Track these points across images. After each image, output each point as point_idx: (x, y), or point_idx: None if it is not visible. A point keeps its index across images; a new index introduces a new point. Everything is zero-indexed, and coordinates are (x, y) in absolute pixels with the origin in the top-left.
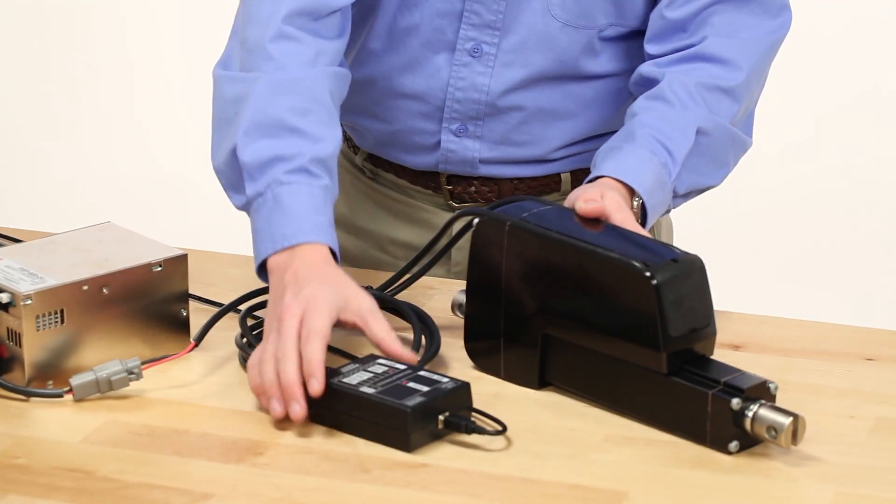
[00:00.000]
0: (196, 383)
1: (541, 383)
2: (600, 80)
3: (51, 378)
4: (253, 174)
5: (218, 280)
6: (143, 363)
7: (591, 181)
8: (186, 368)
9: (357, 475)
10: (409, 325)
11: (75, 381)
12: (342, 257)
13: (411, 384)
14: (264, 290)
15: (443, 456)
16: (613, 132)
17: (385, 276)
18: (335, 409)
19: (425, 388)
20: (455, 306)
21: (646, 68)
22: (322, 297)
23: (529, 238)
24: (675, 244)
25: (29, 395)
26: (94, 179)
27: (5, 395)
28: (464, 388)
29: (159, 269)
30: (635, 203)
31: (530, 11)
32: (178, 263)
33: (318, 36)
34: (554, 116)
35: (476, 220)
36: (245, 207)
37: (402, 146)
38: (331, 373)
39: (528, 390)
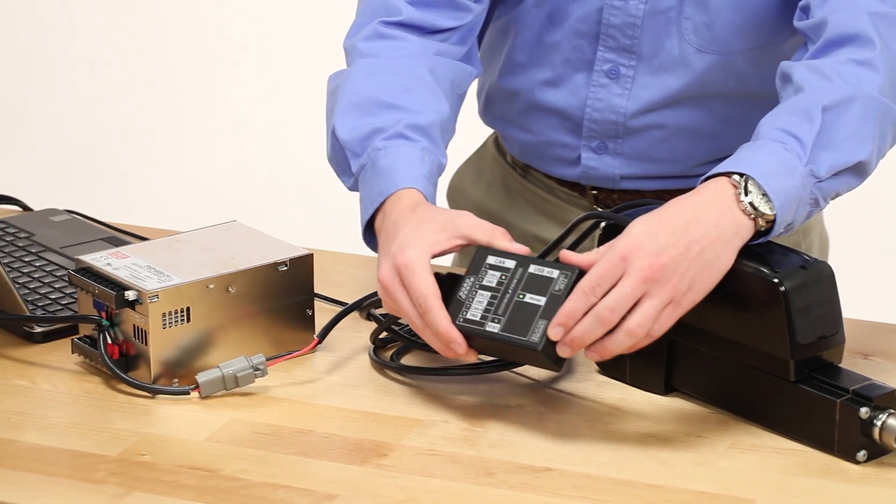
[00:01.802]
0: (320, 383)
1: (666, 389)
2: (747, 99)
3: (176, 376)
4: (355, 150)
5: (343, 280)
6: (267, 359)
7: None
8: (311, 368)
9: (481, 478)
10: None
11: (202, 377)
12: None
13: (529, 298)
14: None
15: (567, 460)
16: None
17: None
18: (474, 346)
19: (544, 299)
20: None
21: (782, 65)
22: (411, 249)
23: None
24: (829, 257)
25: (155, 392)
26: (220, 178)
27: (131, 392)
28: (576, 274)
29: (285, 268)
30: (744, 193)
31: (666, 36)
32: (304, 263)
33: (426, 37)
34: (696, 135)
35: (602, 224)
36: (354, 186)
37: (546, 158)
38: (455, 305)
39: (654, 396)
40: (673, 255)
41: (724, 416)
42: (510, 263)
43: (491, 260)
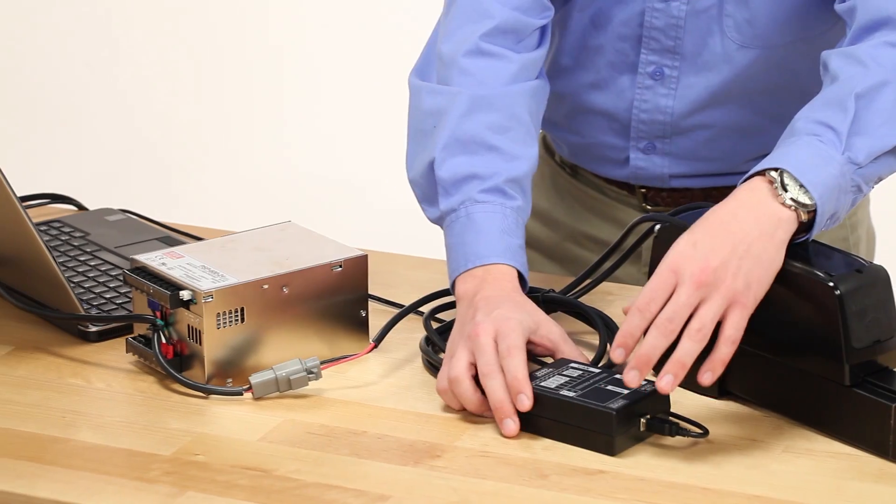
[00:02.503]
0: (374, 384)
1: (720, 392)
2: (791, 93)
3: (230, 376)
4: (448, 189)
5: (398, 282)
6: (321, 363)
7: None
8: (365, 369)
9: (534, 480)
10: (593, 331)
11: (255, 379)
12: (537, 247)
13: (610, 387)
14: (446, 293)
15: (620, 463)
16: None
17: (565, 280)
18: (535, 414)
19: (625, 391)
20: None
21: (822, 55)
22: (514, 317)
23: None
24: (875, 252)
25: (208, 392)
26: (272, 179)
27: (185, 392)
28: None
29: (339, 269)
30: (781, 188)
31: (709, 35)
32: (359, 264)
33: (519, 52)
34: (743, 132)
35: (657, 226)
36: (438, 221)
37: (595, 159)
38: None
39: (708, 399)
40: (721, 256)
41: (779, 420)
42: (595, 369)
43: (574, 364)
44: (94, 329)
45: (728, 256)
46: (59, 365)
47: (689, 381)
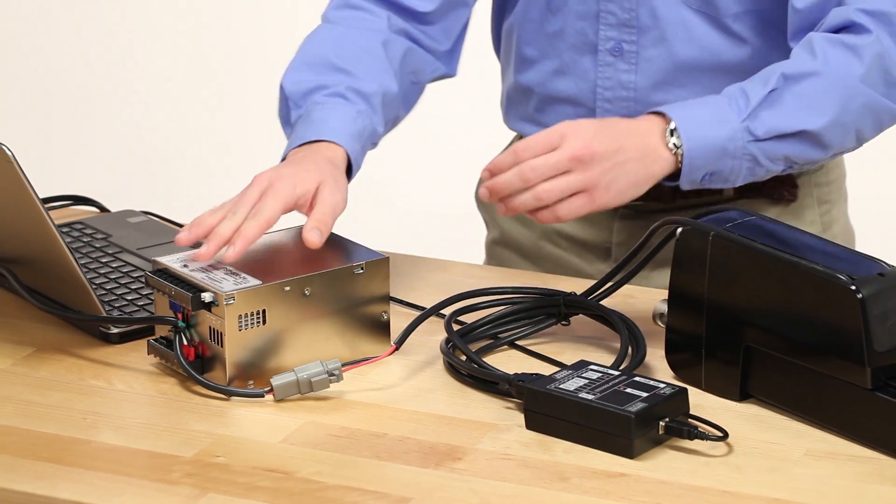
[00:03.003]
0: (395, 386)
1: (742, 395)
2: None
3: (251, 378)
4: (298, 102)
5: (419, 284)
6: (343, 365)
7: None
8: (386, 371)
9: (555, 483)
10: (615, 333)
11: (276, 381)
12: (513, 247)
13: (629, 390)
14: (469, 295)
15: (641, 466)
16: None
17: (584, 282)
18: (554, 416)
19: (644, 394)
20: (656, 316)
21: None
22: (290, 179)
23: (733, 249)
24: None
25: (230, 394)
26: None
27: (206, 394)
28: (681, 394)
29: (361, 271)
30: (669, 133)
31: (662, 4)
32: (380, 266)
33: (395, 12)
34: None
35: (679, 229)
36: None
37: None
38: (545, 380)
39: (729, 402)
40: (606, 148)
41: (799, 423)
42: (615, 372)
43: (594, 367)
44: (115, 331)
45: (610, 153)
46: (80, 366)
47: (711, 384)
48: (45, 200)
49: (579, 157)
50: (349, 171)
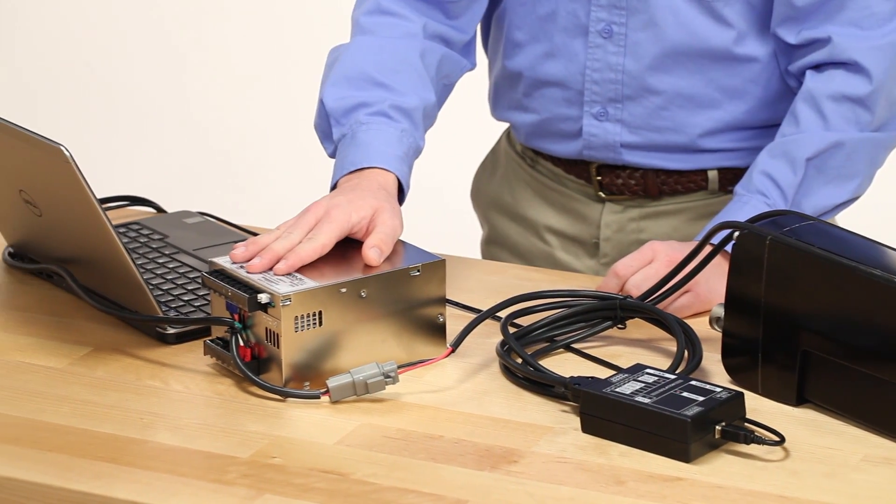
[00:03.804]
0: (451, 389)
1: (798, 400)
2: (742, 66)
3: (307, 379)
4: (339, 120)
5: (475, 286)
6: (399, 367)
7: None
8: (442, 374)
9: (611, 486)
10: (671, 337)
11: (332, 383)
12: (506, 245)
13: (685, 394)
14: (525, 297)
15: (697, 470)
16: (761, 128)
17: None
18: (609, 419)
19: (700, 398)
20: (713, 320)
21: (791, 67)
22: (346, 207)
23: (790, 253)
24: None
25: (286, 395)
26: None
27: (263, 395)
28: (738, 398)
29: (417, 273)
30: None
31: None
32: (437, 269)
33: (425, 15)
34: (695, 103)
35: (736, 234)
36: (334, 154)
37: (549, 135)
38: (602, 383)
39: (786, 407)
40: (689, 248)
41: (857, 429)
42: (671, 375)
43: (650, 370)
44: (172, 331)
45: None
46: (137, 367)
47: (768, 388)
48: (103, 201)
49: (674, 261)
50: (401, 193)
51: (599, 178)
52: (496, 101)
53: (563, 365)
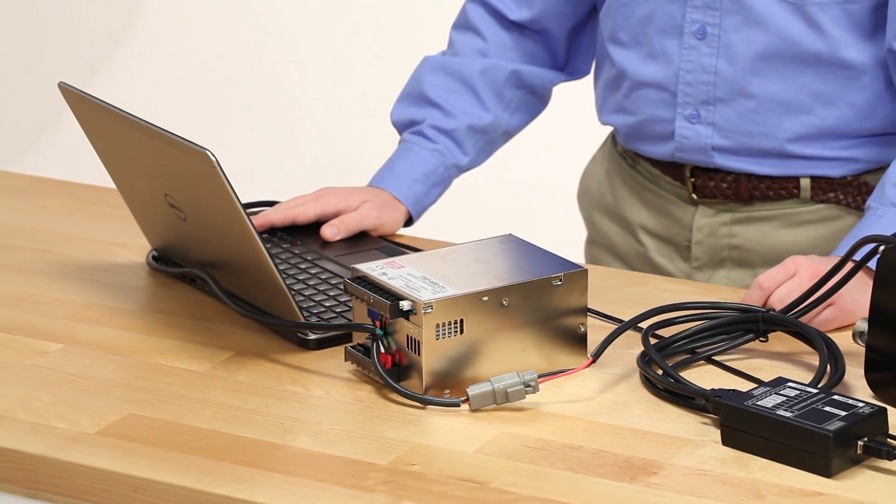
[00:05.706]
0: (591, 399)
1: None
2: (834, 72)
3: (447, 387)
4: (400, 132)
5: (615, 297)
6: (539, 376)
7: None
8: (582, 384)
9: (751, 500)
10: (813, 351)
11: (472, 391)
12: (607, 246)
13: (827, 408)
14: (666, 309)
15: (839, 486)
16: (858, 137)
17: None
18: (750, 432)
19: (843, 413)
20: (856, 334)
21: None
22: (339, 193)
23: None
24: None
25: (426, 403)
26: (492, 191)
27: (403, 402)
28: (881, 414)
29: (559, 283)
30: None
31: None
32: (579, 278)
33: (508, 30)
34: (786, 108)
35: (882, 247)
36: None
37: (645, 137)
38: (743, 396)
39: None
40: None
41: None
42: (813, 389)
43: (792, 384)
44: (313, 337)
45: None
46: (278, 372)
47: None
48: (247, 206)
49: (817, 274)
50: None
51: (693, 179)
52: (602, 106)
53: (703, 377)
